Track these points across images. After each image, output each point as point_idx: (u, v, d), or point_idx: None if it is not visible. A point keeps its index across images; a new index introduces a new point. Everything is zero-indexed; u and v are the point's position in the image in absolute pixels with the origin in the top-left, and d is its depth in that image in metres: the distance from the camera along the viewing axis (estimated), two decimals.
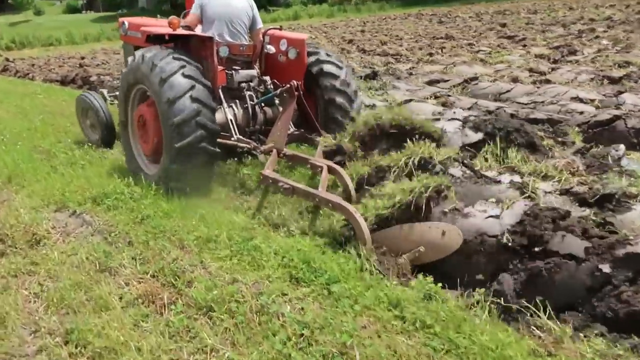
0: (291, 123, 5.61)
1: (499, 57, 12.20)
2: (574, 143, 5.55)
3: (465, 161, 4.47)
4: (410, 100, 7.92)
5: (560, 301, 3.15)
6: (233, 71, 5.78)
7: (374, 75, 10.94)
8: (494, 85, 8.53)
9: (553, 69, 10.05)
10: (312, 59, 6.02)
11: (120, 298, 3.31)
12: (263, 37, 6.27)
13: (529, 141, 5.15)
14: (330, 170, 4.73)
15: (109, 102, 7.53)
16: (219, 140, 5.02)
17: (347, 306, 2.85)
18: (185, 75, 4.78)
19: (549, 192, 3.91)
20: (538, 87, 8.03)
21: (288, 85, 5.29)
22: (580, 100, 7.34)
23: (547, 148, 5.21)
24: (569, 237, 3.26)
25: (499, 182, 4.14)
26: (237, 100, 5.74)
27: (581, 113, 6.75)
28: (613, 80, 8.78)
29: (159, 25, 5.92)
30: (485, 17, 28.39)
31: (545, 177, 4.13)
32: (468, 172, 4.39)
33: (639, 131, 5.73)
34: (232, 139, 5.37)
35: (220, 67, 5.58)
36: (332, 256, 3.50)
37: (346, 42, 20.29)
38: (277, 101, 5.90)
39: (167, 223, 4.25)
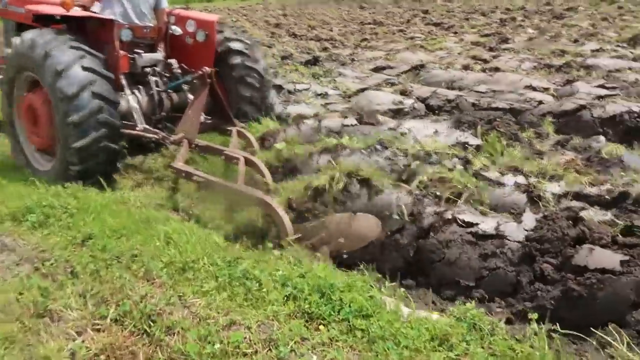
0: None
1: (436, 45, 12.11)
2: (548, 134, 5.38)
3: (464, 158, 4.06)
4: (365, 88, 7.43)
5: (597, 319, 2.85)
6: (136, 55, 5.29)
7: (315, 61, 10.35)
8: (446, 73, 8.30)
9: (494, 57, 10.06)
10: (219, 37, 5.68)
11: (72, 356, 2.49)
12: (168, 17, 5.76)
13: (513, 133, 4.88)
14: (247, 161, 4.44)
15: None
16: (123, 130, 4.69)
17: (389, 350, 2.28)
18: (84, 68, 4.34)
19: (562, 196, 3.60)
20: (491, 76, 7.91)
21: (200, 72, 4.96)
22: (534, 89, 7.28)
23: (527, 140, 4.97)
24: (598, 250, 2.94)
25: (503, 184, 3.77)
26: (141, 87, 5.31)
27: (540, 102, 6.67)
28: (554, 68, 8.90)
29: (48, 2, 5.09)
30: (404, 4, 28.71)
31: (549, 177, 3.81)
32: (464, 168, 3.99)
33: (605, 121, 5.68)
34: (138, 128, 4.94)
35: (122, 52, 5.03)
36: (343, 278, 2.91)
37: (273, 26, 19.43)
38: (185, 86, 5.55)
39: (120, 245, 3.39)
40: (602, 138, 4.87)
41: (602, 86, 7.06)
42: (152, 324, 2.61)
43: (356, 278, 2.93)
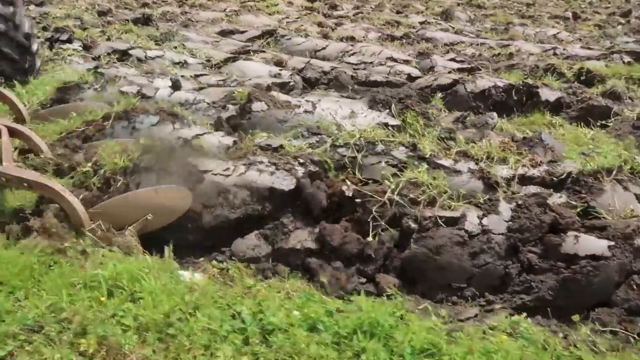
0: None
1: (270, 7, 11.54)
2: (441, 110, 5.51)
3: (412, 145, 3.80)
4: (234, 57, 6.58)
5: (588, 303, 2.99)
6: None
7: (146, 20, 8.84)
8: (307, 41, 7.90)
9: (336, 24, 10.03)
10: None
11: None
12: None
13: (423, 111, 4.83)
14: (12, 132, 3.57)
15: None
16: None
17: None
18: None
19: (510, 179, 3.66)
20: (352, 46, 7.80)
21: None
22: (395, 60, 7.45)
23: (434, 118, 4.99)
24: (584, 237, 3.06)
25: (459, 172, 3.66)
26: None
27: (409, 75, 6.85)
28: (393, 39, 9.29)
29: None
30: None
31: (494, 160, 3.84)
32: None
33: (477, 95, 6.09)
34: None
35: None
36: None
37: None
38: None
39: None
40: (494, 115, 5.18)
41: (453, 60, 7.60)
42: None
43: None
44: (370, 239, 3.20)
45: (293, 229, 3.36)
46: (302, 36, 8.15)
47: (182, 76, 5.69)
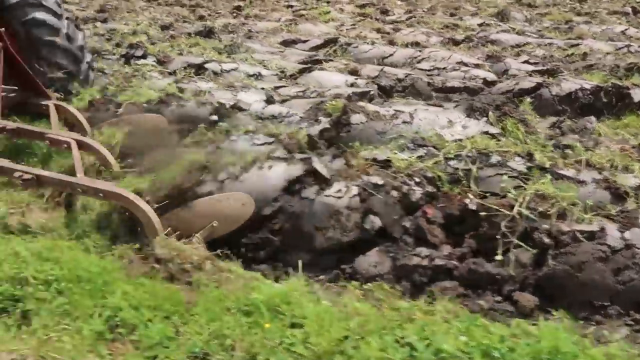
0: None
1: (323, 15, 11.52)
2: (532, 116, 5.32)
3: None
4: (309, 68, 6.55)
5: None
6: None
7: (208, 33, 8.94)
8: (374, 48, 7.81)
9: (394, 30, 9.91)
10: None
11: None
12: None
13: (521, 118, 4.67)
14: (81, 145, 3.66)
15: None
16: None
17: None
18: None
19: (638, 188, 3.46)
20: (420, 51, 7.67)
21: None
22: (466, 65, 7.27)
23: (533, 125, 4.82)
24: None
25: (584, 182, 3.48)
26: None
27: (485, 80, 6.66)
28: (456, 42, 9.10)
29: None
30: None
31: (617, 168, 3.65)
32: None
33: (563, 98, 5.86)
34: None
35: None
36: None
37: None
38: None
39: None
40: (593, 119, 4.97)
41: (527, 62, 7.38)
42: None
43: None
44: (499, 256, 3.07)
45: (414, 246, 3.26)
46: (368, 43, 8.06)
47: (262, 88, 5.70)
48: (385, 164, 3.74)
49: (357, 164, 3.57)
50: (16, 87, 4.38)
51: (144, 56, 6.98)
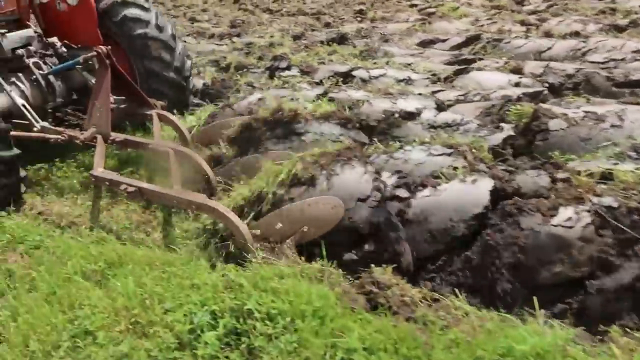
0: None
1: (453, 12, 10.89)
2: None
3: None
4: (465, 69, 6.06)
5: None
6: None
7: (341, 39, 8.81)
8: (529, 42, 7.09)
9: (539, 20, 9.02)
10: (107, 1, 4.95)
11: None
12: None
13: None
14: (178, 154, 3.85)
15: None
16: (14, 134, 3.82)
17: None
18: None
19: None
20: (583, 42, 6.80)
21: (95, 52, 4.23)
22: None
23: None
24: None
25: None
26: (20, 74, 4.46)
27: None
28: (620, 29, 8.01)
29: None
30: None
31: None
32: None
33: None
34: (35, 129, 4.12)
35: None
36: None
37: (233, 1, 17.21)
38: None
39: None
40: None
41: None
42: None
43: None
44: None
45: None
46: (521, 37, 7.34)
47: (419, 94, 5.32)
48: (606, 178, 3.17)
49: (577, 181, 3.03)
50: (124, 98, 4.68)
51: (288, 67, 6.95)
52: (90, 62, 4.43)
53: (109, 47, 4.32)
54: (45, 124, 4.20)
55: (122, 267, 2.85)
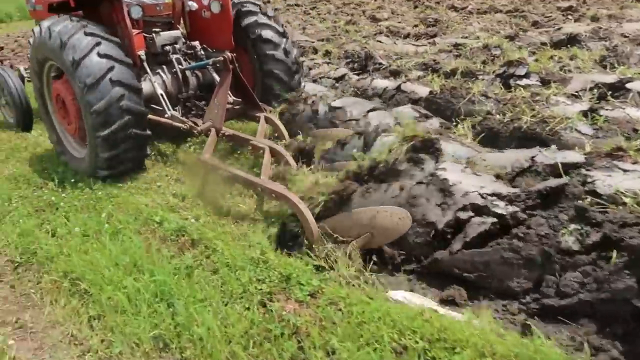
0: (230, 93, 5.19)
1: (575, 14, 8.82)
2: None
3: None
4: None
5: None
6: (154, 34, 5.34)
7: (571, 41, 7.51)
8: None
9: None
10: (249, 20, 5.65)
11: None
12: None
13: None
14: (273, 152, 4.33)
15: (27, 79, 7.03)
16: (150, 117, 4.75)
17: None
18: (101, 55, 4.23)
19: None
20: None
21: (222, 57, 4.77)
22: None
23: None
24: None
25: None
26: (164, 66, 5.35)
27: None
28: None
29: None
30: None
31: None
32: None
33: None
34: (166, 115, 4.98)
35: (136, 31, 5.06)
36: None
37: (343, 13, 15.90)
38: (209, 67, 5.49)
39: None
40: None
41: None
42: None
43: None
44: None
45: None
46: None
47: None
48: None
49: None
50: (240, 100, 5.26)
51: (526, 75, 5.94)
52: (218, 65, 4.94)
53: (234, 54, 4.86)
54: (175, 112, 4.98)
55: None
